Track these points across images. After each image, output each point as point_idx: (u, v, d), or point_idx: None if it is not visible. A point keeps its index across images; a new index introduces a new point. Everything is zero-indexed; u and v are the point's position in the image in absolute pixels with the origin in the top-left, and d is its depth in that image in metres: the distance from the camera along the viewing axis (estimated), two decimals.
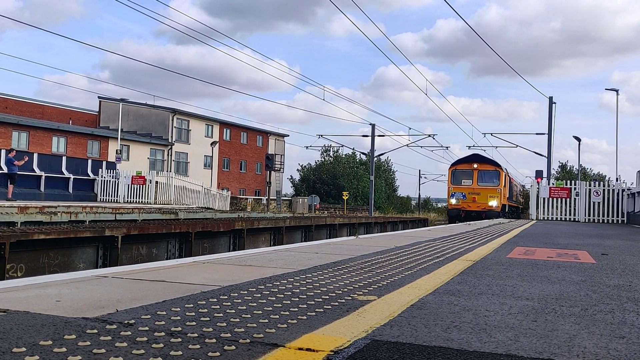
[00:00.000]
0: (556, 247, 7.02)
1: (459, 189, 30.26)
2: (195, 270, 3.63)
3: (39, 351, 1.64)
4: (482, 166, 30.67)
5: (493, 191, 29.85)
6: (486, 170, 30.53)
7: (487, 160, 31.45)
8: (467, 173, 30.72)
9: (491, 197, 29.53)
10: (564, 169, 71.90)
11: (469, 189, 30.14)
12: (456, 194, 30.13)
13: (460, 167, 30.89)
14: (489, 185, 30.13)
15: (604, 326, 2.31)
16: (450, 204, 30.58)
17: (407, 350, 1.82)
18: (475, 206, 29.59)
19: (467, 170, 30.75)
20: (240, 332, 1.97)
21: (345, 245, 6.12)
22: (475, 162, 30.67)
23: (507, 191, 32.57)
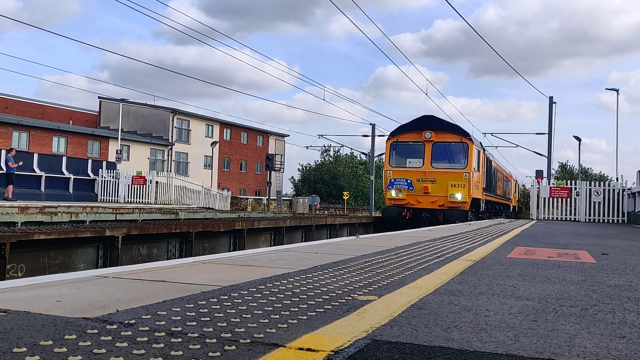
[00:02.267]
0: (556, 247, 7.02)
1: (402, 172, 19.87)
2: (195, 270, 3.63)
3: (40, 351, 1.64)
4: (440, 135, 19.77)
5: (457, 177, 19.24)
6: (447, 142, 19.75)
7: (447, 126, 20.37)
8: (414, 147, 20.20)
9: (455, 187, 19.20)
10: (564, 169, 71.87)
11: (417, 173, 19.62)
12: (397, 182, 19.79)
13: (404, 138, 20.29)
14: (451, 166, 19.53)
15: (605, 326, 2.31)
16: (388, 199, 20.25)
17: (407, 350, 1.82)
18: (429, 202, 19.38)
19: (416, 143, 20.07)
20: (241, 332, 1.97)
21: (345, 245, 6.12)
22: (429, 128, 19.82)
23: (484, 178, 21.72)
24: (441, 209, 19.35)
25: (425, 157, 19.84)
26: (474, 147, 20.03)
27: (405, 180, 19.75)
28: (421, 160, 19.92)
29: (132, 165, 35.69)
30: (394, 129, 21.24)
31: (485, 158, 22.68)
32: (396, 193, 19.92)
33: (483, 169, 21.96)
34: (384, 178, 20.60)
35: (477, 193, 20.77)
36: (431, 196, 19.54)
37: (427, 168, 19.76)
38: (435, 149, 19.83)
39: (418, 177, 19.74)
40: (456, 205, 19.27)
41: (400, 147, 20.47)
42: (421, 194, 19.68)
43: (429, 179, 19.64)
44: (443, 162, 19.79)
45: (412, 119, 20.97)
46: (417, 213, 19.64)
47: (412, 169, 19.97)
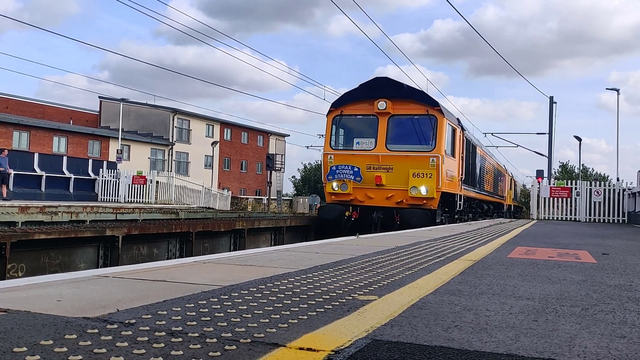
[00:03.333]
0: (557, 246, 7.02)
1: (347, 157, 15.01)
2: (196, 270, 3.63)
3: (40, 351, 1.64)
4: (399, 105, 14.81)
5: (421, 162, 14.31)
6: (408, 115, 14.79)
7: (408, 93, 15.07)
8: (364, 123, 15.34)
9: (418, 177, 14.21)
10: (564, 169, 71.86)
11: (368, 158, 14.73)
12: (339, 171, 14.75)
13: (350, 110, 15.33)
14: (413, 149, 14.59)
15: (605, 326, 2.31)
16: (328, 193, 15.22)
17: (407, 350, 1.82)
18: (383, 197, 14.53)
19: (366, 116, 15.16)
20: (241, 331, 1.97)
21: (345, 245, 6.12)
22: (384, 96, 14.81)
23: (462, 167, 16.68)
24: (399, 208, 14.17)
25: (379, 135, 14.67)
26: (446, 122, 14.62)
27: (350, 167, 14.52)
28: (373, 141, 14.78)
29: (132, 165, 35.71)
30: (338, 98, 15.80)
31: (464, 140, 17.28)
32: (338, 185, 14.56)
33: (461, 154, 16.63)
34: (322, 165, 15.59)
35: (452, 186, 15.46)
36: (386, 189, 14.35)
37: (381, 151, 14.52)
38: (392, 124, 14.74)
39: (368, 164, 14.56)
40: (419, 203, 14.04)
41: (346, 122, 15.41)
42: (372, 187, 14.49)
43: (384, 166, 14.46)
44: (403, 142, 14.66)
45: (363, 82, 15.43)
46: (366, 213, 14.49)
47: (360, 153, 14.87)
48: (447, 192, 15.35)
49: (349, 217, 14.85)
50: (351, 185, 14.77)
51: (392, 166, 14.59)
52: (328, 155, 15.38)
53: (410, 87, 15.51)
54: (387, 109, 14.77)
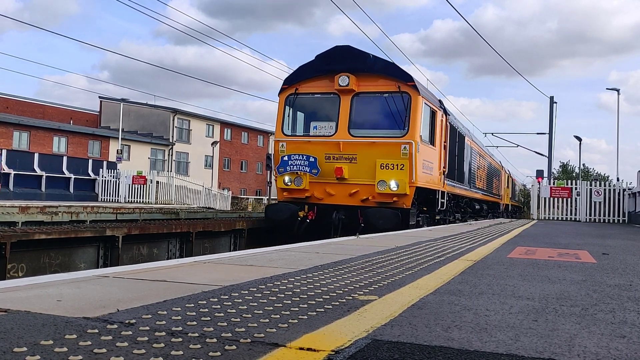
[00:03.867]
0: (557, 246, 7.02)
1: (302, 145, 12.62)
2: (196, 270, 3.63)
3: (40, 351, 1.64)
4: (365, 81, 12.43)
5: (391, 150, 11.94)
6: (375, 93, 12.45)
7: (376, 65, 12.52)
8: (322, 103, 12.99)
9: (387, 169, 11.79)
10: (565, 169, 71.84)
11: (327, 146, 12.37)
12: (293, 161, 12.37)
13: (306, 88, 12.88)
14: (382, 134, 12.29)
15: (605, 326, 2.31)
16: (280, 189, 12.79)
17: (407, 350, 1.82)
18: (345, 194, 12.13)
19: (325, 95, 12.75)
20: (241, 331, 1.97)
21: (346, 245, 6.12)
22: (346, 70, 12.34)
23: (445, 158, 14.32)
24: (365, 207, 11.72)
25: (340, 118, 12.17)
26: (422, 102, 12.14)
27: (305, 157, 12.03)
28: (333, 125, 12.33)
29: (132, 165, 35.72)
30: (291, 73, 13.33)
31: (448, 127, 14.55)
32: (291, 180, 12.21)
33: (443, 143, 14.14)
34: (273, 154, 12.81)
35: (431, 181, 13.01)
36: (349, 184, 11.94)
37: (343, 137, 12.05)
38: (356, 104, 12.29)
39: (327, 153, 12.11)
40: (388, 200, 11.62)
41: (301, 102, 12.91)
42: (333, 181, 12.00)
43: (346, 156, 12.00)
44: (369, 126, 12.33)
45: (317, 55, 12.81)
46: (325, 213, 12.03)
47: (317, 139, 12.42)
48: (425, 188, 12.78)
49: (303, 218, 12.23)
50: (307, 179, 12.18)
51: (355, 155, 12.03)
52: (279, 142, 12.88)
53: (379, 59, 12.59)
54: (350, 85, 12.24)
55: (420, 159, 12.20)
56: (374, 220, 11.46)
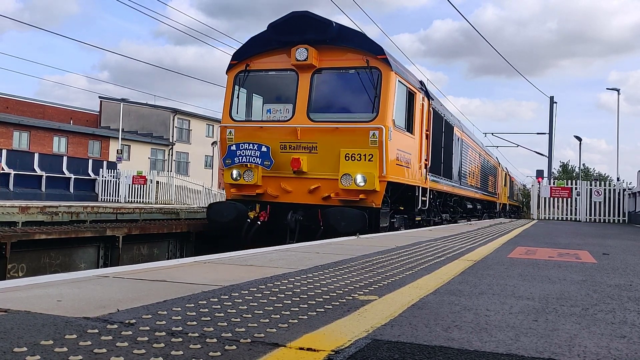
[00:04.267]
0: (557, 246, 7.02)
1: (253, 131, 10.74)
2: (196, 270, 3.63)
3: (40, 351, 1.64)
4: (328, 54, 10.47)
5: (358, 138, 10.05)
6: (339, 69, 10.59)
7: (340, 36, 10.41)
8: (277, 82, 11.21)
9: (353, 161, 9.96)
10: (565, 169, 71.85)
11: (282, 133, 10.55)
12: (242, 151, 10.44)
13: (259, 64, 10.96)
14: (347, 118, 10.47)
15: (605, 326, 2.31)
16: (227, 185, 10.88)
17: (407, 350, 1.82)
18: (304, 190, 10.32)
19: (280, 72, 10.93)
20: (241, 331, 1.97)
21: (346, 245, 6.12)
22: (305, 41, 10.39)
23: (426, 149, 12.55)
24: (327, 206, 9.84)
25: (298, 100, 10.32)
26: (395, 79, 10.27)
27: (257, 147, 10.18)
28: (289, 108, 10.51)
29: (132, 165, 35.72)
30: (241, 46, 11.18)
31: (431, 113, 12.82)
32: (240, 173, 10.37)
33: (424, 130, 12.26)
34: (219, 143, 11.06)
35: (408, 175, 11.13)
36: (308, 179, 10.12)
37: (301, 122, 10.20)
38: (317, 83, 10.42)
39: (283, 141, 10.29)
40: (354, 198, 9.79)
41: (252, 81, 10.95)
42: (289, 175, 10.21)
43: (305, 145, 10.16)
44: (332, 109, 10.49)
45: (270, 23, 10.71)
46: (281, 213, 10.21)
47: (271, 125, 10.56)
48: (400, 183, 10.79)
49: (254, 220, 10.33)
50: (259, 172, 10.27)
51: (316, 144, 10.09)
52: (227, 129, 10.77)
53: (344, 27, 10.49)
54: (310, 59, 10.21)
55: (393, 148, 10.25)
56: (335, 222, 9.53)
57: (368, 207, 9.87)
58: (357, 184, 9.75)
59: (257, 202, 10.60)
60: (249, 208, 10.47)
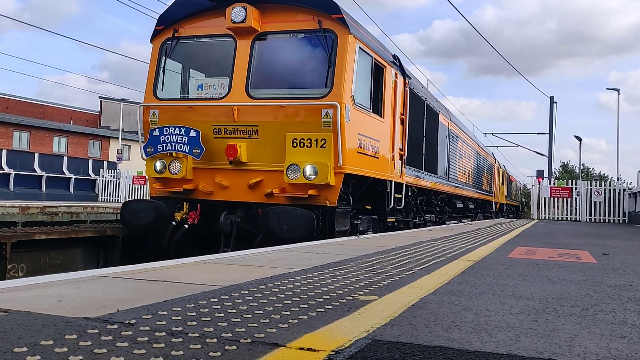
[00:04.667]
0: (557, 247, 7.02)
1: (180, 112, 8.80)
2: (196, 270, 3.63)
3: (40, 351, 1.64)
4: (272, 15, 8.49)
5: (309, 120, 8.01)
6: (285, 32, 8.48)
7: None
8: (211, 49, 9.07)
9: (300, 148, 7.94)
10: (565, 169, 71.86)
11: (215, 113, 8.51)
12: (166, 137, 8.49)
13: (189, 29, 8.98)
14: (292, 94, 8.30)
15: (605, 326, 2.31)
16: (151, 179, 9.00)
17: (407, 350, 1.82)
18: (242, 185, 8.31)
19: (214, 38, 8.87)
20: (241, 331, 1.97)
21: (346, 245, 6.12)
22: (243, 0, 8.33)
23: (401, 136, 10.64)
24: (269, 205, 7.98)
25: (236, 72, 8.48)
26: (354, 45, 8.40)
27: (184, 131, 8.42)
28: (225, 83, 8.65)
29: (132, 165, 35.70)
30: (169, 7, 9.46)
31: (407, 93, 10.90)
32: (165, 165, 8.65)
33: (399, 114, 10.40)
34: (139, 126, 9.42)
35: (377, 166, 9.36)
36: (248, 171, 8.37)
37: (239, 99, 8.38)
38: (259, 51, 8.56)
39: (217, 124, 8.49)
40: (302, 194, 8.02)
41: (182, 50, 9.18)
42: (225, 167, 8.47)
43: (244, 128, 8.35)
44: (276, 83, 8.61)
45: None
46: (215, 214, 8.49)
47: (203, 104, 8.71)
48: (365, 176, 8.94)
49: (180, 223, 8.42)
50: (188, 163, 8.47)
51: (257, 127, 8.19)
52: (149, 110, 9.03)
53: None
54: (249, 21, 8.29)
55: (353, 132, 8.28)
56: (275, 226, 7.50)
57: (321, 205, 7.95)
58: (307, 176, 7.86)
59: (186, 200, 8.66)
60: (176, 207, 8.57)
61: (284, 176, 7.99)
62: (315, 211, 7.77)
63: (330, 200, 8.06)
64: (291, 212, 7.61)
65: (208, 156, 8.47)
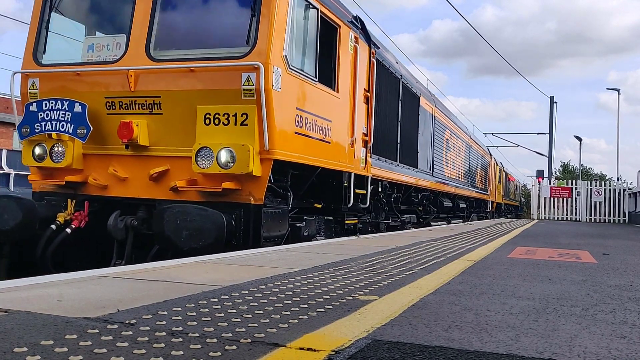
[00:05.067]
0: (557, 247, 7.02)
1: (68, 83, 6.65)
2: (196, 270, 3.63)
3: (40, 351, 1.65)
4: None
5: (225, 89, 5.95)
6: None
7: None
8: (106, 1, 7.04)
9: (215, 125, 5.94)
10: (565, 169, 71.89)
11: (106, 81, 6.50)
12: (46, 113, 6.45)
13: None
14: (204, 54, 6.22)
15: (605, 326, 2.31)
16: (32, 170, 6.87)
17: (408, 350, 1.82)
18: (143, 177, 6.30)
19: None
20: (242, 331, 1.97)
21: (346, 245, 6.12)
22: None
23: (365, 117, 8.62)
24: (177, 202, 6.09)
25: (134, 28, 6.55)
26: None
27: (68, 105, 6.47)
28: (121, 42, 6.69)
29: None
30: None
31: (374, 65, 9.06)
32: (46, 150, 6.70)
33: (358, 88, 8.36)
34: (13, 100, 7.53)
35: (327, 152, 7.43)
36: (149, 157, 6.44)
37: (137, 61, 6.42)
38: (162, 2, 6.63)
39: (110, 96, 6.54)
40: (214, 187, 6.01)
41: (70, 1, 7.35)
42: (121, 151, 6.53)
43: (143, 100, 6.42)
44: (186, 42, 6.69)
45: None
46: (101, 216, 6.40)
47: (92, 69, 6.70)
48: (310, 166, 7.03)
49: (62, 227, 6.45)
50: (74, 148, 6.60)
51: (159, 98, 6.37)
52: (29, 78, 7.07)
53: None
54: None
55: (289, 104, 6.35)
56: (171, 232, 5.65)
57: (242, 203, 6.02)
58: (221, 164, 5.88)
59: (72, 196, 6.65)
60: (54, 208, 6.65)
61: (193, 164, 5.98)
62: (234, 211, 5.94)
63: (255, 196, 6.02)
64: (193, 212, 5.65)
65: (101, 138, 6.50)
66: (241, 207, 6.03)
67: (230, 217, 5.84)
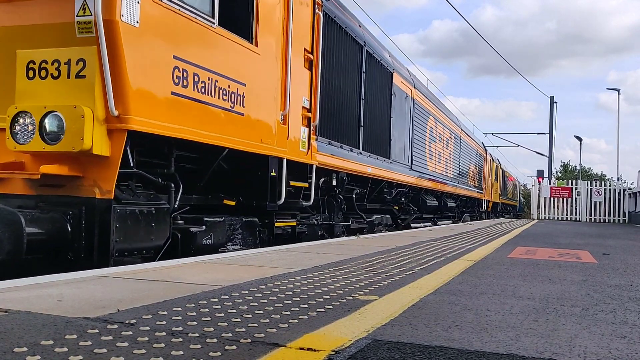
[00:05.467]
0: (557, 246, 7.02)
1: None
2: (196, 270, 3.63)
3: (40, 351, 1.65)
4: None
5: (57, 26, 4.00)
6: None
7: None
8: None
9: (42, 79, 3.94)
10: (566, 169, 71.90)
11: None
12: None
13: None
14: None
15: (606, 326, 2.31)
16: None
17: (408, 350, 1.82)
18: None
19: None
20: (242, 331, 1.97)
21: (346, 245, 6.12)
22: None
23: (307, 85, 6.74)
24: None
25: None
26: None
27: None
28: None
29: None
30: None
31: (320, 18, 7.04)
32: None
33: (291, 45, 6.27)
34: None
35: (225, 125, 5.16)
36: None
37: None
38: None
39: None
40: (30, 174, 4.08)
41: None
42: None
43: None
44: None
45: None
46: None
47: None
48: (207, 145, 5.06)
49: None
50: None
51: None
52: None
53: None
54: None
55: (159, 49, 4.40)
56: None
57: (83, 198, 4.15)
58: (46, 138, 4.04)
59: None
60: None
61: (8, 138, 4.10)
62: (71, 210, 4.08)
63: (101, 186, 4.14)
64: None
65: None
66: (82, 204, 4.10)
67: (62, 218, 4.02)
